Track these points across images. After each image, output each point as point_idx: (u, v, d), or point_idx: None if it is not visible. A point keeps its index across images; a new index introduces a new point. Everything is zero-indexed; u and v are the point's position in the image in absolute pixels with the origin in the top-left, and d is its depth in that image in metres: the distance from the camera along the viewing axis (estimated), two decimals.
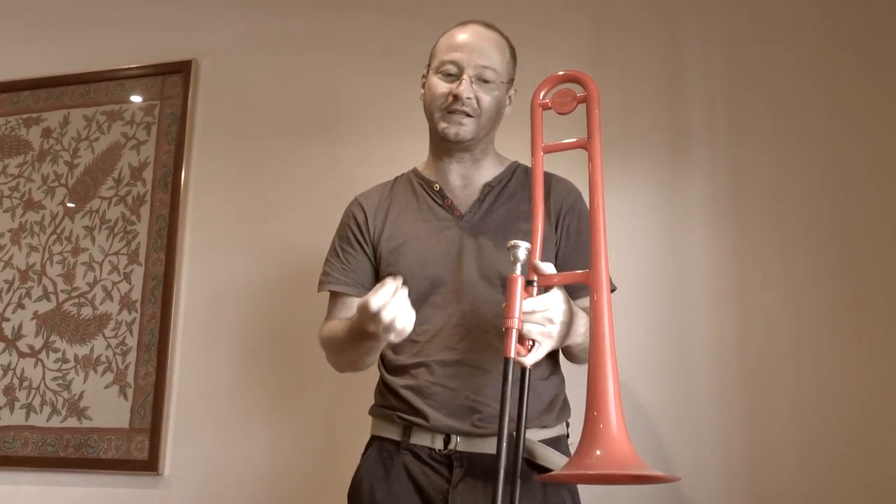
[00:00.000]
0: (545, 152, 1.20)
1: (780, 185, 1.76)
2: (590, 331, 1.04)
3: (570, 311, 1.15)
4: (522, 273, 1.09)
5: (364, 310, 1.11)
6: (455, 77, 1.32)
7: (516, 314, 1.06)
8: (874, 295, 1.66)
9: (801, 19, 1.83)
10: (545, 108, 1.20)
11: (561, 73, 1.21)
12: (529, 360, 1.09)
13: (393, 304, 1.09)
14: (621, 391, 1.00)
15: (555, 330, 1.12)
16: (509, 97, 1.40)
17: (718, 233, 1.77)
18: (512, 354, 1.06)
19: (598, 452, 0.94)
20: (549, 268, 1.14)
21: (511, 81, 1.39)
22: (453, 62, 1.32)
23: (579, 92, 1.18)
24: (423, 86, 1.39)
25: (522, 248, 1.08)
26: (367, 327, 1.14)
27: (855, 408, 1.62)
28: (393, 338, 1.13)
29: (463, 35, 1.34)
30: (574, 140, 1.17)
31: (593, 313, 1.04)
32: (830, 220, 1.72)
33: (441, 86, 1.33)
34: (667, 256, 1.78)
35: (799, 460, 1.63)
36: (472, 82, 1.31)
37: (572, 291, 1.24)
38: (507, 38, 1.39)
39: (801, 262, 1.71)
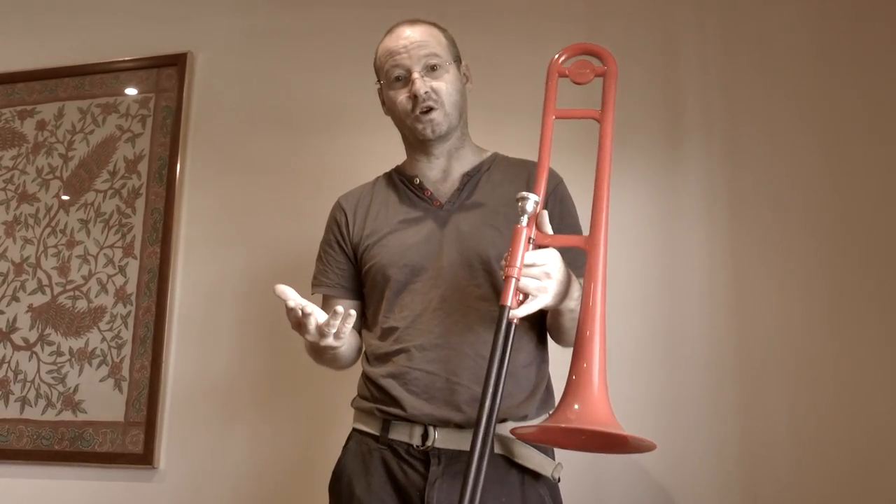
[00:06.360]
0: (557, 117, 1.19)
1: (776, 176, 1.76)
2: (583, 292, 1.04)
3: (567, 273, 1.16)
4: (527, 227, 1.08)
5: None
6: (405, 80, 1.34)
7: (517, 263, 1.05)
8: (868, 286, 1.67)
9: (798, 10, 1.83)
10: (562, 75, 1.20)
11: (580, 43, 1.22)
12: (521, 311, 1.09)
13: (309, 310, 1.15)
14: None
15: (551, 285, 1.12)
16: (464, 75, 1.42)
17: (713, 225, 1.77)
18: (509, 302, 1.05)
19: (576, 406, 0.94)
20: (549, 228, 1.15)
21: (459, 59, 1.41)
22: (397, 66, 1.35)
23: (597, 66, 1.19)
24: (383, 102, 1.42)
25: (531, 200, 1.07)
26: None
27: (849, 400, 1.62)
28: (317, 338, 1.17)
29: (394, 40, 1.37)
30: (588, 109, 1.17)
31: (588, 275, 1.04)
32: (826, 213, 1.72)
33: (398, 95, 1.36)
34: (662, 248, 1.79)
35: (792, 452, 1.63)
36: (422, 77, 1.33)
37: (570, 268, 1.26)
38: (435, 24, 1.41)
39: (796, 254, 1.71)
